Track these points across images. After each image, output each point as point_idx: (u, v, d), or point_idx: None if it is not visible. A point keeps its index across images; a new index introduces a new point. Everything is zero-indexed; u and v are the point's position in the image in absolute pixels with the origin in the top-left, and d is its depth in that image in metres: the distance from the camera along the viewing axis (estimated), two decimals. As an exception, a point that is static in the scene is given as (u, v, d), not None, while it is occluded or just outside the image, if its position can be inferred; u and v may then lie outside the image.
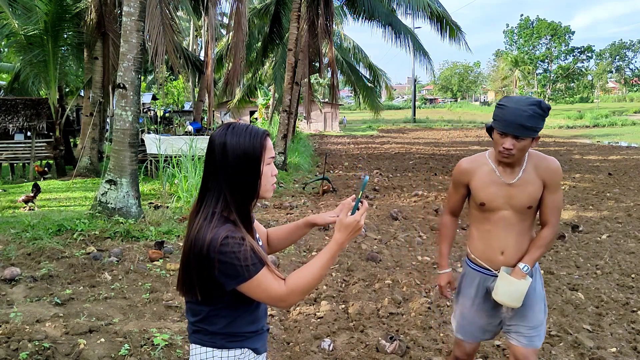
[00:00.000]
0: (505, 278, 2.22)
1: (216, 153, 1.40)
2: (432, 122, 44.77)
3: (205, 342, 1.45)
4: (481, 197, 2.25)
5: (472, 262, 2.40)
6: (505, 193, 2.21)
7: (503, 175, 2.22)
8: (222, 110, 28.39)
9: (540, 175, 2.19)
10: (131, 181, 6.81)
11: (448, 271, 2.53)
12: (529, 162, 2.21)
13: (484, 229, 2.31)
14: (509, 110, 2.07)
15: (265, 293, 1.37)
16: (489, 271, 2.33)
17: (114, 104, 10.15)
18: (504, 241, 2.25)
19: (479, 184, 2.26)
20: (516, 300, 2.21)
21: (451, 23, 15.55)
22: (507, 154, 2.11)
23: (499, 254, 2.27)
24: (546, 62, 54.14)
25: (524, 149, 2.11)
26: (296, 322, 3.97)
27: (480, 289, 2.37)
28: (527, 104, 2.05)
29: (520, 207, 2.21)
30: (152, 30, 9.30)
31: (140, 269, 4.79)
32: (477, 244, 2.36)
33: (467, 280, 2.42)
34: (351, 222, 1.43)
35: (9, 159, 13.03)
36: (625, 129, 33.89)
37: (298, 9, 13.31)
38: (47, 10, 11.80)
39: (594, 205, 8.82)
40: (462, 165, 2.36)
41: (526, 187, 2.18)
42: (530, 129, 2.05)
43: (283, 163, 13.26)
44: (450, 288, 2.54)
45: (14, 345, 3.05)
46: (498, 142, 2.14)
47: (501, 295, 2.23)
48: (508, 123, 2.06)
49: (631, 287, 4.75)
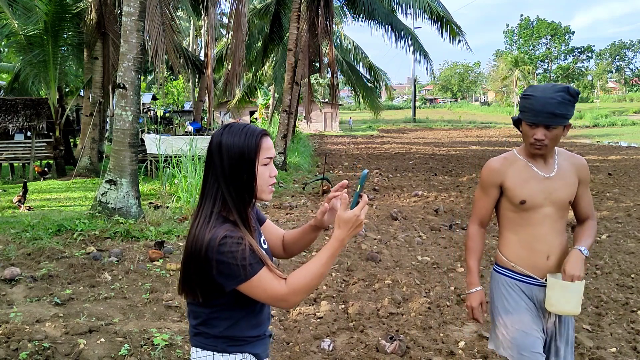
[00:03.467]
0: (558, 284, 2.00)
1: (213, 153, 1.40)
2: (432, 122, 44.79)
3: (206, 345, 1.44)
4: (522, 194, 2.09)
5: (511, 270, 2.16)
6: (546, 187, 2.08)
7: (539, 168, 2.11)
8: (222, 110, 28.40)
9: (576, 171, 2.13)
10: (131, 181, 6.81)
11: (479, 289, 2.26)
12: (560, 156, 2.14)
13: (525, 232, 2.12)
14: (537, 99, 1.98)
15: (265, 293, 1.35)
16: (534, 279, 2.11)
17: (114, 104, 10.15)
18: (549, 243, 2.09)
19: (516, 181, 2.11)
20: (575, 305, 1.99)
21: (451, 23, 15.55)
22: (540, 145, 2.02)
23: (544, 258, 2.09)
24: (546, 62, 54.19)
25: (556, 139, 2.02)
26: (296, 322, 3.98)
27: (529, 301, 2.13)
28: (555, 91, 1.96)
29: (562, 202, 2.09)
30: (152, 30, 9.30)
31: (140, 269, 4.79)
32: (518, 250, 2.14)
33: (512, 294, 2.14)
34: (351, 217, 1.37)
35: (9, 159, 13.03)
36: (625, 129, 33.90)
37: (298, 9, 13.32)
38: (47, 10, 11.81)
39: (593, 205, 8.82)
40: (492, 164, 2.20)
41: (565, 179, 2.10)
42: (560, 116, 1.96)
43: (283, 163, 13.27)
44: (482, 309, 2.26)
45: (14, 345, 3.05)
46: (528, 133, 2.04)
47: (557, 304, 2.01)
48: (537, 112, 1.98)
49: (631, 287, 4.76)
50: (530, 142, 2.04)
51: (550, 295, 2.02)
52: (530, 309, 2.11)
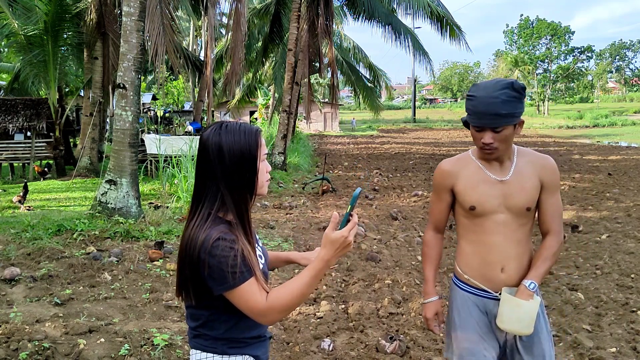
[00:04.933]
0: (510, 301, 1.86)
1: (211, 154, 1.38)
2: (432, 122, 44.79)
3: (205, 347, 1.43)
4: (471, 199, 1.93)
5: (465, 283, 2.01)
6: (499, 192, 1.90)
7: (492, 172, 1.92)
8: (222, 110, 28.39)
9: (537, 173, 1.91)
10: (131, 181, 6.81)
11: (435, 299, 2.11)
12: (521, 158, 1.94)
13: (477, 241, 1.95)
14: (479, 100, 1.80)
15: (246, 304, 1.32)
16: (487, 293, 1.96)
17: (114, 104, 10.15)
18: (503, 254, 1.91)
19: (466, 184, 1.94)
20: (527, 325, 1.84)
21: (451, 23, 15.56)
22: (489, 149, 1.84)
23: (498, 270, 1.92)
24: (546, 62, 54.12)
25: (506, 140, 1.84)
26: (296, 322, 3.98)
27: (481, 315, 1.97)
28: (498, 89, 1.78)
29: (518, 209, 1.90)
30: (152, 30, 9.30)
31: (140, 269, 4.79)
32: (471, 260, 1.98)
33: (464, 308, 2.01)
34: (338, 238, 1.30)
35: (9, 159, 13.04)
36: (625, 129, 33.90)
37: (298, 9, 13.32)
38: (47, 10, 11.81)
39: (593, 205, 8.82)
40: (443, 166, 2.03)
41: (522, 183, 1.89)
42: (507, 116, 1.77)
43: (283, 163, 13.27)
44: (438, 320, 2.11)
45: (13, 345, 3.05)
46: (476, 137, 1.87)
47: (508, 322, 1.86)
48: (481, 115, 1.80)
49: (630, 287, 4.75)
50: (480, 147, 1.88)
51: (501, 311, 1.87)
52: (480, 325, 1.96)
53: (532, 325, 1.85)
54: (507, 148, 1.89)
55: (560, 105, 59.69)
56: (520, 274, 1.91)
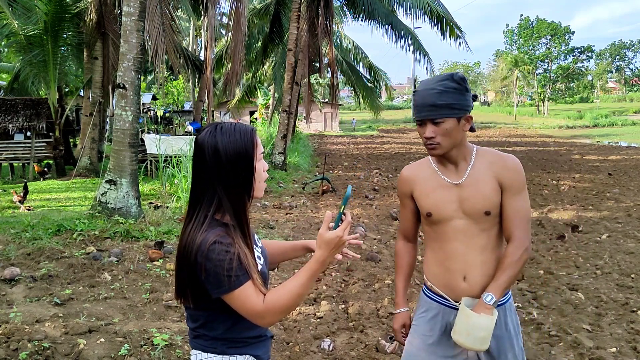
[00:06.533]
0: (464, 312, 1.74)
1: (207, 155, 1.37)
2: (432, 122, 44.71)
3: (205, 347, 1.44)
4: (427, 205, 1.86)
5: (430, 290, 1.95)
6: (455, 197, 1.81)
7: (447, 175, 1.84)
8: (222, 110, 28.39)
9: (496, 174, 1.79)
10: (131, 181, 6.81)
11: (403, 311, 2.03)
12: (480, 159, 1.83)
13: (439, 248, 1.88)
14: (419, 94, 1.76)
15: (244, 307, 1.33)
16: (449, 302, 1.87)
17: (114, 104, 10.15)
18: (465, 261, 1.82)
19: (423, 190, 1.88)
20: (479, 341, 1.71)
21: (451, 23, 15.55)
22: (432, 143, 1.77)
23: (460, 279, 1.83)
24: (546, 62, 54.15)
25: (449, 134, 1.75)
26: (296, 322, 3.98)
27: (438, 324, 1.89)
28: (437, 81, 1.75)
29: (476, 213, 1.79)
30: (152, 30, 9.31)
31: (140, 269, 4.79)
32: (434, 267, 1.92)
33: (423, 313, 1.94)
34: (332, 238, 1.32)
35: (9, 159, 13.04)
36: (625, 129, 33.91)
37: (298, 9, 13.32)
38: (47, 10, 11.82)
39: (593, 205, 8.82)
40: (403, 172, 1.98)
41: (478, 186, 1.79)
42: (444, 107, 1.71)
43: (283, 163, 13.27)
44: (405, 332, 2.03)
45: (13, 345, 3.05)
46: (420, 133, 1.81)
47: (459, 334, 1.74)
48: (420, 108, 1.76)
49: (630, 287, 4.75)
50: (424, 144, 1.81)
51: (456, 321, 1.77)
52: (433, 334, 1.88)
53: (486, 341, 1.71)
54: (453, 144, 1.78)
55: (560, 105, 59.69)
56: (484, 283, 1.80)
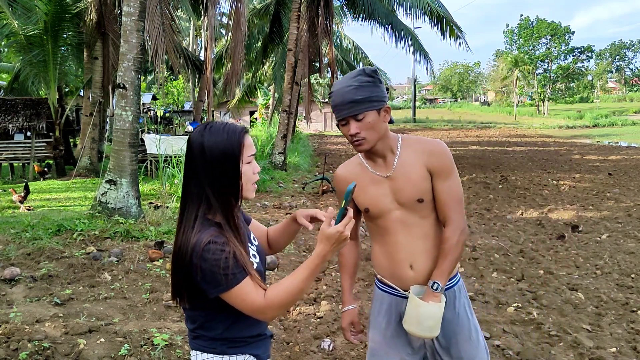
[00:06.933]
0: (412, 301, 1.78)
1: (195, 154, 1.37)
2: (432, 122, 44.78)
3: (205, 348, 1.44)
4: (364, 201, 1.89)
5: (381, 282, 1.98)
6: (388, 189, 1.84)
7: (377, 169, 1.87)
8: (222, 110, 28.39)
9: (423, 161, 1.81)
10: (131, 181, 6.81)
11: (350, 308, 2.03)
12: (406, 148, 1.85)
13: (383, 241, 1.91)
14: (336, 94, 1.78)
15: (244, 303, 1.33)
16: (398, 292, 1.90)
17: (114, 104, 10.15)
18: (409, 250, 1.85)
19: (358, 187, 1.89)
20: (428, 329, 1.75)
21: (451, 23, 15.56)
22: (358, 139, 1.78)
23: (407, 268, 1.86)
24: (546, 62, 54.15)
25: (373, 127, 1.76)
26: (296, 322, 3.98)
27: (393, 315, 1.91)
28: (351, 78, 1.77)
29: (409, 202, 1.82)
30: (152, 30, 9.31)
31: (140, 269, 4.79)
32: (381, 260, 1.94)
33: (377, 307, 1.97)
34: (333, 234, 1.32)
35: (9, 159, 13.04)
36: (625, 129, 33.89)
37: (298, 9, 13.32)
38: (47, 10, 11.82)
39: (594, 205, 8.82)
40: (337, 172, 1.99)
41: (408, 175, 1.82)
42: (364, 101, 1.74)
43: (283, 163, 13.27)
44: (354, 330, 2.04)
45: (13, 345, 3.05)
46: (345, 132, 1.82)
47: (409, 323, 1.78)
48: (340, 106, 1.77)
49: (631, 287, 4.76)
50: (351, 142, 1.82)
51: (406, 311, 1.81)
52: (390, 326, 1.91)
53: (436, 328, 1.76)
54: (379, 137, 1.80)
55: (560, 105, 59.68)
56: (431, 268, 1.83)
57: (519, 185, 11.18)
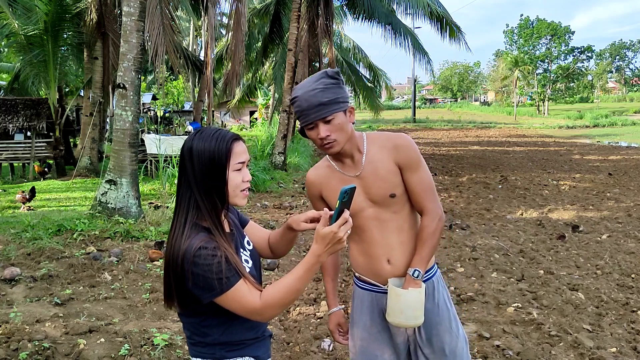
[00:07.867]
0: (392, 292, 1.80)
1: (185, 159, 1.38)
2: (432, 122, 44.76)
3: (204, 354, 1.43)
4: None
5: (360, 280, 2.00)
6: (359, 189, 1.84)
7: (347, 170, 1.88)
8: (222, 110, 28.40)
9: (391, 156, 1.83)
10: (131, 181, 6.81)
11: (336, 310, 2.05)
12: (372, 146, 1.87)
13: (359, 239, 1.93)
14: (301, 99, 1.77)
15: (240, 306, 1.33)
16: (378, 287, 1.92)
17: (114, 104, 10.15)
18: (385, 245, 1.87)
19: (329, 190, 1.90)
20: (413, 317, 1.77)
21: (451, 23, 15.56)
22: (329, 142, 1.78)
23: (384, 262, 1.88)
24: (546, 62, 54.11)
25: (342, 129, 1.77)
26: (296, 322, 3.98)
27: (375, 312, 1.93)
28: (314, 81, 1.77)
29: (382, 199, 1.84)
30: (152, 30, 9.31)
31: (140, 269, 4.79)
32: (358, 258, 1.97)
33: (358, 305, 1.99)
34: (327, 234, 1.31)
35: (9, 159, 13.04)
36: (625, 129, 33.88)
37: (298, 9, 13.31)
38: (47, 10, 11.82)
39: (594, 205, 8.82)
40: (308, 176, 2.00)
41: (377, 172, 1.84)
42: (331, 103, 1.74)
43: (283, 163, 13.27)
44: (342, 330, 2.06)
45: (13, 345, 3.05)
46: (313, 136, 1.80)
47: (392, 315, 1.79)
48: (308, 111, 1.75)
49: (631, 287, 4.75)
50: (321, 145, 1.81)
51: (388, 303, 1.82)
52: (374, 323, 1.94)
53: (419, 316, 1.79)
54: (347, 138, 1.81)
55: (560, 105, 59.65)
56: (407, 261, 1.86)
57: (519, 185, 11.18)
